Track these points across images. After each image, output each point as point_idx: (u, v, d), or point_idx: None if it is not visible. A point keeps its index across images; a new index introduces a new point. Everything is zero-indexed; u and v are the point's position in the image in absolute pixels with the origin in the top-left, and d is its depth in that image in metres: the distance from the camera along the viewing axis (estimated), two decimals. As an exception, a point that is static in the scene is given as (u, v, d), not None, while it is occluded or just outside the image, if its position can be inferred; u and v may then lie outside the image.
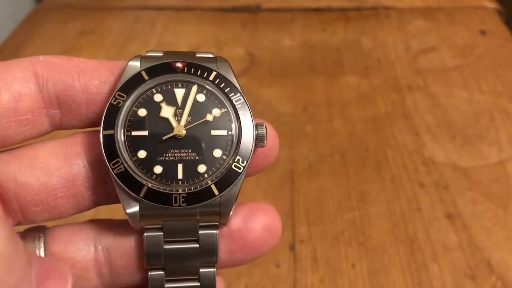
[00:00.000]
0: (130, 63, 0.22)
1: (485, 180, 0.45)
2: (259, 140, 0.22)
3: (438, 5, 0.70)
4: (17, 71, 0.19)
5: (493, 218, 0.42)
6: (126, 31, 0.67)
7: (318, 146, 0.49)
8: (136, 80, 0.21)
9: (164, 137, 0.21)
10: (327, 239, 0.41)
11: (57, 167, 0.20)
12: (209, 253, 0.21)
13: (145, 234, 0.21)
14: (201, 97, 0.22)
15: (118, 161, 0.20)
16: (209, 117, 0.21)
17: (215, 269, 0.22)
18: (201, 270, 0.22)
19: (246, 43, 0.65)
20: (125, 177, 0.20)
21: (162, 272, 0.21)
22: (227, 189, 0.21)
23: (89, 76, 0.20)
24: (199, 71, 0.22)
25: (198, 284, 0.22)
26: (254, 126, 0.22)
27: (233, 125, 0.22)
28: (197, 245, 0.21)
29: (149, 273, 0.21)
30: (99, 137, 0.20)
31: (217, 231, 0.21)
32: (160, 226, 0.21)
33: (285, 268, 0.39)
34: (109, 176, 0.20)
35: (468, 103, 0.54)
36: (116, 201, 0.21)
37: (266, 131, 0.22)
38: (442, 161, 0.47)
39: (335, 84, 0.57)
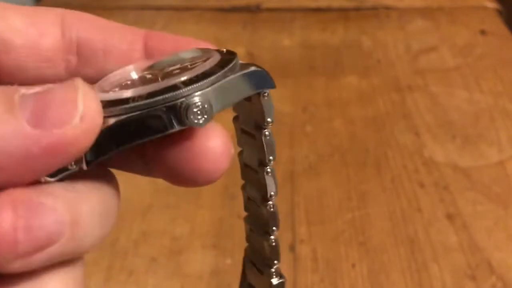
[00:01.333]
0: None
1: (486, 180, 0.45)
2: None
3: (438, 5, 0.70)
4: (47, 14, 0.20)
5: (494, 218, 0.42)
6: (125, 31, 0.67)
7: (318, 146, 0.49)
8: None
9: None
10: (327, 239, 0.40)
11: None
12: None
13: None
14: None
15: None
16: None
17: None
18: None
19: (246, 43, 0.64)
20: None
21: None
22: None
23: (113, 32, 0.21)
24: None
25: None
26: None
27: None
28: None
29: None
30: None
31: None
32: None
33: (285, 268, 0.39)
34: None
35: (468, 103, 0.53)
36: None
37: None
38: (442, 161, 0.47)
39: (335, 84, 0.57)
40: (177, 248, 0.40)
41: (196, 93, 0.15)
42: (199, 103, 0.15)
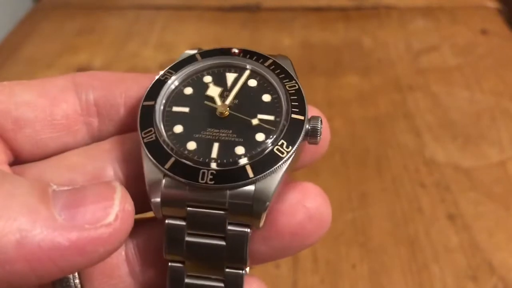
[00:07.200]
0: (186, 51, 0.21)
1: (487, 180, 0.45)
2: (311, 134, 0.20)
3: (439, 4, 0.70)
4: (57, 80, 0.20)
5: (494, 218, 0.42)
6: (125, 31, 0.67)
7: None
8: (188, 61, 0.21)
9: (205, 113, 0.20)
10: (328, 239, 0.40)
11: (82, 164, 0.19)
12: (236, 254, 0.18)
13: (166, 221, 0.18)
14: (252, 82, 0.21)
15: (151, 131, 0.19)
16: (257, 100, 0.20)
17: (243, 271, 0.19)
18: (227, 270, 0.19)
19: (246, 42, 0.64)
20: (154, 146, 0.18)
21: (183, 265, 0.19)
22: (264, 173, 0.18)
23: (129, 82, 0.20)
24: (255, 57, 0.21)
25: (223, 285, 0.19)
26: (307, 116, 0.20)
27: (283, 111, 0.20)
28: (224, 243, 0.18)
29: (169, 264, 0.19)
30: (139, 109, 0.20)
31: (248, 230, 0.18)
32: (183, 216, 0.18)
33: (285, 269, 0.38)
34: (142, 172, 0.18)
35: (469, 103, 0.53)
36: (148, 207, 0.19)
37: (321, 125, 0.20)
38: (443, 161, 0.47)
39: (336, 83, 0.57)
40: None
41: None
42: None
